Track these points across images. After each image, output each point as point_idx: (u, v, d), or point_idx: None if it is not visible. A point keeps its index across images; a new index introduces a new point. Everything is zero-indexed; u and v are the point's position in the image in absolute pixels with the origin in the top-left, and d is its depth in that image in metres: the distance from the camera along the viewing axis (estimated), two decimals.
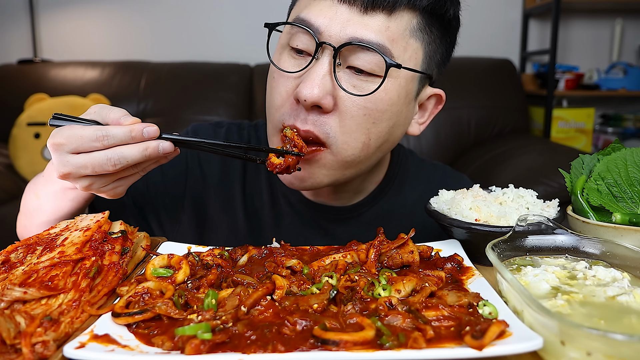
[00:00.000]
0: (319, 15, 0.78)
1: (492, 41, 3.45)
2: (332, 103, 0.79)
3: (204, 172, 1.02)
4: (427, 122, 0.95)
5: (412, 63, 0.83)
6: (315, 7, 0.79)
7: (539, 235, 0.72)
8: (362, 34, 0.77)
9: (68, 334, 0.55)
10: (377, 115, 0.81)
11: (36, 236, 0.73)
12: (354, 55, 0.78)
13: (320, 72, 0.78)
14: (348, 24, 0.78)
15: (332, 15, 0.78)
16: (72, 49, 3.45)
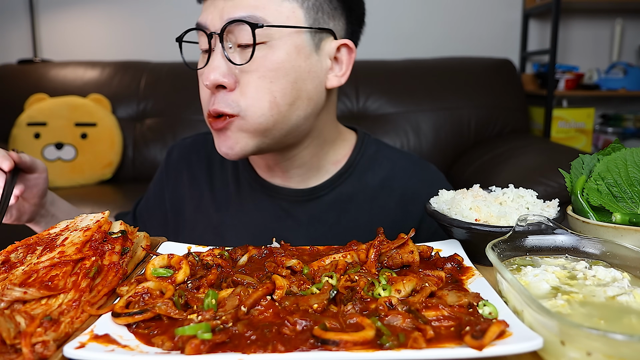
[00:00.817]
0: (204, 15, 0.91)
1: (492, 41, 3.45)
2: (234, 80, 0.89)
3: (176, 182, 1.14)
4: (347, 72, 1.01)
5: (293, 21, 0.90)
6: (203, 11, 0.92)
7: (539, 235, 0.72)
8: (234, 13, 0.86)
9: (68, 334, 0.55)
10: (271, 74, 0.89)
11: (36, 236, 0.73)
12: (236, 34, 0.88)
13: (215, 58, 0.88)
14: (223, 11, 0.88)
15: (212, 10, 0.89)
16: (72, 49, 3.45)
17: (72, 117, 2.84)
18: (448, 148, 2.91)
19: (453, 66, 3.09)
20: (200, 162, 1.12)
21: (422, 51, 3.36)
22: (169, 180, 1.15)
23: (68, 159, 2.81)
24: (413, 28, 3.46)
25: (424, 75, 3.04)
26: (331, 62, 0.98)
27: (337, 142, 1.08)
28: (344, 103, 2.97)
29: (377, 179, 1.07)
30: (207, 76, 0.88)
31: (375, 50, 3.41)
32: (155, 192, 1.18)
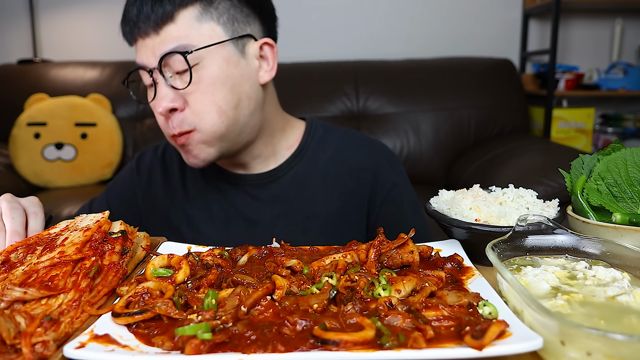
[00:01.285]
0: (139, 55, 1.02)
1: (492, 41, 3.45)
2: (182, 102, 1.01)
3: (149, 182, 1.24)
4: (274, 66, 1.12)
5: (215, 39, 1.01)
6: (137, 52, 1.03)
7: (539, 235, 0.72)
8: (164, 48, 0.98)
9: (68, 334, 0.55)
10: (211, 88, 1.01)
11: (36, 236, 0.73)
12: (171, 64, 0.99)
13: (160, 89, 1.01)
14: (154, 48, 0.99)
15: (145, 50, 1.01)
16: (72, 49, 3.45)
17: (72, 117, 2.84)
18: (448, 148, 2.91)
19: (453, 66, 3.09)
20: (173, 163, 1.24)
21: (422, 51, 3.36)
22: (141, 181, 1.25)
23: (68, 159, 2.81)
24: (413, 28, 3.46)
25: (424, 75, 3.04)
26: (258, 61, 1.09)
27: (287, 129, 1.21)
28: (344, 103, 2.97)
29: (327, 157, 1.19)
30: (158, 105, 1.00)
31: (375, 50, 3.41)
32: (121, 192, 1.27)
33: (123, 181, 1.28)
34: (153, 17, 0.97)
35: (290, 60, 3.11)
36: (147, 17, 0.98)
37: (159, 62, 0.98)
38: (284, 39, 3.67)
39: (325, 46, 3.41)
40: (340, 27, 3.43)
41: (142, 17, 0.98)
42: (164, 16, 0.98)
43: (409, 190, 1.22)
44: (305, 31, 3.41)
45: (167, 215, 1.21)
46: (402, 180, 1.22)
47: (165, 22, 0.98)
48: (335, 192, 1.16)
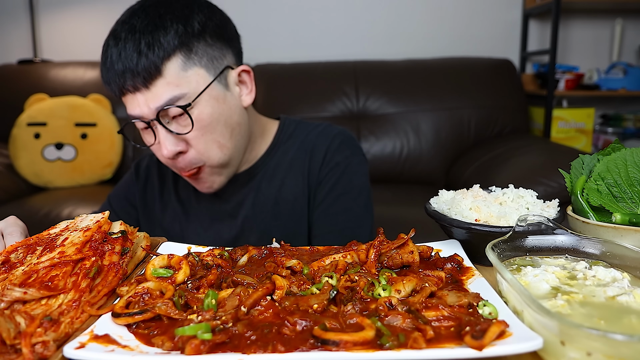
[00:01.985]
0: (132, 108, 1.04)
1: (492, 41, 3.45)
2: (185, 144, 1.07)
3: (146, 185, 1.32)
4: (253, 88, 1.19)
5: (203, 82, 1.06)
6: (129, 105, 1.05)
7: (539, 235, 0.72)
8: (158, 102, 1.02)
9: (68, 334, 0.55)
10: (209, 128, 1.07)
11: (36, 236, 0.73)
12: (168, 113, 1.03)
13: (161, 137, 1.05)
14: (147, 102, 1.02)
15: (136, 104, 1.03)
16: (72, 49, 3.45)
17: (72, 117, 2.84)
18: (448, 148, 2.91)
19: (453, 66, 3.09)
20: (167, 169, 1.31)
21: (422, 51, 3.36)
22: (139, 184, 1.32)
23: (68, 159, 2.81)
24: (413, 28, 3.46)
25: (424, 75, 3.04)
26: (239, 87, 1.16)
27: (265, 132, 1.28)
28: (344, 103, 2.97)
29: (295, 147, 1.26)
30: (164, 151, 1.05)
31: (375, 50, 3.41)
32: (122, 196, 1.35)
33: (125, 185, 1.36)
34: (141, 73, 1.00)
35: (290, 60, 3.11)
36: (134, 74, 1.00)
37: (157, 115, 1.03)
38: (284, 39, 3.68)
39: (325, 46, 3.41)
40: (340, 27, 3.43)
41: (129, 74, 1.00)
42: (151, 71, 1.00)
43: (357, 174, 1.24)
44: (305, 31, 3.41)
45: (160, 215, 1.30)
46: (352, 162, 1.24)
47: (153, 77, 1.01)
48: (299, 176, 1.23)
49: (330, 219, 1.20)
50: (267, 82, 3.00)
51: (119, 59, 1.01)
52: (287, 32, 3.41)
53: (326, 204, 1.21)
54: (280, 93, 3.02)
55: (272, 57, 3.24)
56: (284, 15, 3.39)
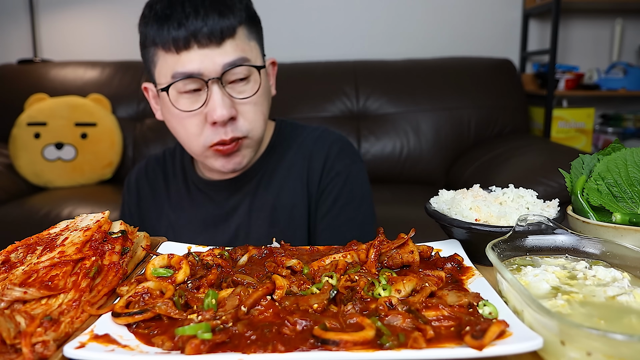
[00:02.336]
0: (193, 63, 1.03)
1: (492, 41, 3.45)
2: (236, 111, 1.08)
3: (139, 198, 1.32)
4: (274, 82, 1.25)
5: (259, 56, 1.13)
6: (187, 61, 1.03)
7: (539, 235, 0.72)
8: (228, 58, 1.04)
9: (68, 334, 0.55)
10: (259, 100, 1.11)
11: (36, 236, 0.73)
12: (230, 74, 1.05)
13: (217, 98, 1.04)
14: (215, 58, 1.03)
15: (202, 59, 1.03)
16: (72, 49, 3.45)
17: (72, 117, 2.84)
18: (448, 148, 2.91)
19: (453, 66, 3.09)
20: (157, 176, 1.32)
21: (422, 51, 3.36)
22: (131, 199, 1.33)
23: (68, 159, 2.81)
24: (413, 28, 3.46)
25: (424, 75, 3.04)
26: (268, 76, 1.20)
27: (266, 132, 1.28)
28: (344, 103, 2.97)
29: (292, 152, 1.27)
30: (219, 113, 1.03)
31: (375, 50, 3.41)
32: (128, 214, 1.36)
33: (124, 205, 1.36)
34: (218, 31, 1.03)
35: (290, 60, 3.11)
36: (211, 30, 1.02)
37: (223, 72, 1.04)
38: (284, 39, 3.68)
39: (325, 46, 3.41)
40: (340, 27, 3.43)
41: (207, 29, 1.02)
42: (228, 30, 1.04)
43: (357, 182, 1.25)
44: (305, 31, 3.40)
45: (154, 225, 1.29)
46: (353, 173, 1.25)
47: (227, 36, 1.04)
48: (298, 182, 1.23)
49: (335, 230, 1.21)
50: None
51: (197, 14, 1.02)
52: (287, 32, 3.41)
53: (331, 216, 1.21)
54: (280, 93, 3.00)
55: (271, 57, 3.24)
56: (284, 15, 3.39)
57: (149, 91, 1.20)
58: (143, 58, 1.16)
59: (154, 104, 1.20)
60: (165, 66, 1.06)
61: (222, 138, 1.08)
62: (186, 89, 1.05)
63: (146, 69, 1.16)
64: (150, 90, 1.19)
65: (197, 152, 1.13)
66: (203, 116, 1.07)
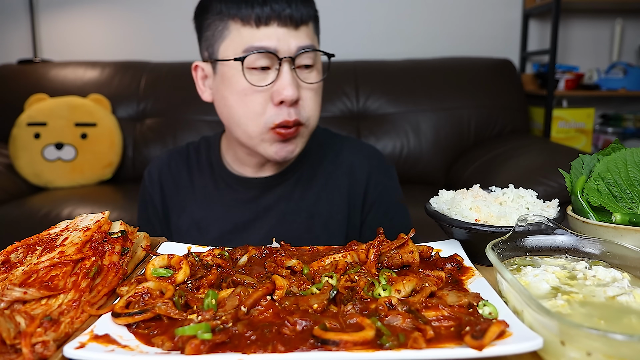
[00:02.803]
0: (270, 40, 1.05)
1: (492, 41, 3.45)
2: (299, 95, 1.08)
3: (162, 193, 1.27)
4: None
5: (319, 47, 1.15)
6: (266, 36, 1.05)
7: (539, 235, 0.72)
8: (302, 42, 1.07)
9: (68, 334, 0.55)
10: (319, 90, 1.14)
11: (36, 236, 0.73)
12: (301, 58, 1.08)
13: (288, 77, 1.05)
14: (291, 39, 1.06)
15: (280, 37, 1.05)
16: (72, 49, 3.45)
17: (72, 117, 2.84)
18: (448, 148, 2.91)
19: (453, 66, 3.09)
20: (181, 170, 1.28)
21: (422, 51, 3.36)
22: (154, 194, 1.28)
23: (68, 159, 2.81)
24: (413, 28, 3.46)
25: (424, 75, 3.04)
26: None
27: None
28: (344, 103, 2.97)
29: (328, 160, 1.28)
30: (290, 93, 1.05)
31: (375, 50, 3.41)
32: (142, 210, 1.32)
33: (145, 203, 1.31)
34: (300, 15, 1.06)
35: None
36: (292, 13, 1.05)
37: (297, 53, 1.06)
38: None
39: (325, 46, 3.40)
40: (340, 27, 3.43)
41: (289, 11, 1.05)
42: (306, 17, 1.08)
43: (398, 193, 1.31)
44: None
45: (178, 222, 1.25)
46: (393, 184, 1.30)
47: (304, 22, 1.08)
48: (336, 192, 1.24)
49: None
50: None
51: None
52: None
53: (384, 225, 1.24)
54: None
55: None
56: None
57: (198, 70, 1.18)
58: (204, 34, 1.14)
59: (200, 85, 1.19)
60: (238, 39, 1.06)
61: (286, 119, 1.06)
62: (256, 64, 1.05)
63: (205, 46, 1.15)
64: (201, 70, 1.18)
65: (255, 133, 1.10)
66: (268, 95, 1.07)
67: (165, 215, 1.27)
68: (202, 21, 1.14)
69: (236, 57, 1.06)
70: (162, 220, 1.28)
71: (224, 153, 1.27)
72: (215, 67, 1.13)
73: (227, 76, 1.09)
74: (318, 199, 1.22)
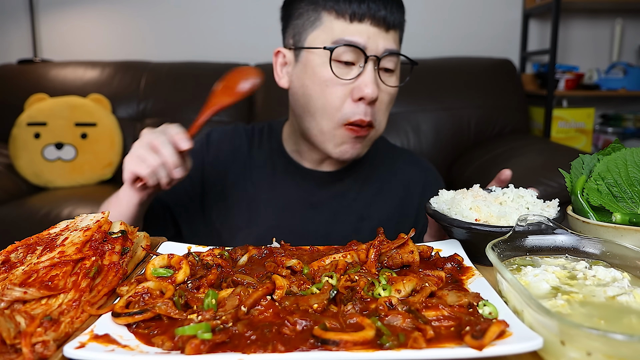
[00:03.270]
0: (361, 36, 1.06)
1: (492, 41, 3.45)
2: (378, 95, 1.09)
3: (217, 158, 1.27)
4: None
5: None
6: (355, 31, 1.07)
7: (539, 235, 0.72)
8: (390, 45, 1.09)
9: (68, 334, 0.55)
10: (392, 99, 1.15)
11: (36, 236, 0.73)
12: (386, 60, 1.09)
13: (371, 75, 1.07)
14: (380, 40, 1.07)
15: (370, 35, 1.07)
16: (72, 49, 3.45)
17: (72, 117, 2.84)
18: (448, 148, 2.91)
19: (453, 66, 3.09)
20: (242, 145, 1.29)
21: (421, 51, 3.36)
22: (209, 156, 1.28)
23: (68, 159, 2.81)
24: (413, 28, 3.44)
25: (424, 75, 3.03)
26: None
27: None
28: None
29: (384, 167, 1.30)
30: (371, 91, 1.06)
31: None
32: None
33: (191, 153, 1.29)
34: (392, 18, 1.08)
35: None
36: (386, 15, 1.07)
37: (384, 54, 1.08)
38: None
39: None
40: None
41: (384, 12, 1.07)
42: (397, 23, 1.11)
43: None
44: None
45: (226, 192, 1.24)
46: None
47: (394, 27, 1.10)
48: (389, 199, 1.27)
49: None
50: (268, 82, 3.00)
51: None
52: None
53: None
54: (280, 93, 3.01)
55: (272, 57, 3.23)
56: None
57: (279, 56, 1.20)
58: (292, 21, 1.16)
59: (279, 71, 1.21)
60: (329, 31, 1.08)
61: (362, 118, 1.08)
62: (342, 57, 1.07)
63: (291, 34, 1.16)
64: (282, 56, 1.19)
65: (327, 128, 1.11)
66: (348, 90, 1.08)
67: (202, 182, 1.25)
68: (292, 9, 1.15)
69: (325, 46, 1.07)
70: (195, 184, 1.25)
71: (285, 141, 1.27)
72: (298, 55, 1.14)
73: (311, 65, 1.10)
74: (371, 202, 1.25)
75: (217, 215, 1.25)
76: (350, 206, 1.23)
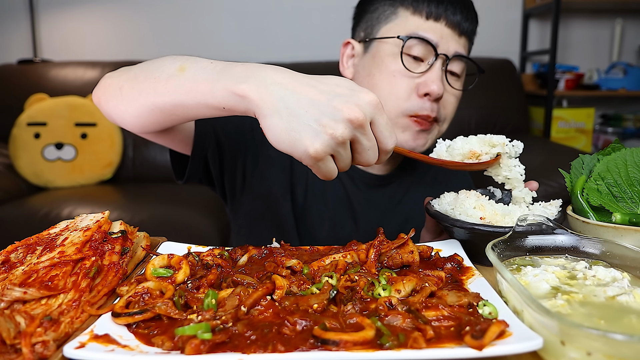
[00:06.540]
0: (435, 34, 1.09)
1: (492, 41, 3.45)
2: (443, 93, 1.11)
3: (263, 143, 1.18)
4: None
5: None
6: (429, 28, 1.09)
7: (539, 235, 0.72)
8: (460, 49, 1.12)
9: (68, 334, 0.55)
10: (458, 100, 1.18)
11: (36, 236, 0.73)
12: (454, 63, 1.12)
13: (438, 74, 1.09)
14: (451, 42, 1.10)
15: (444, 35, 1.09)
16: (72, 49, 3.45)
17: (72, 117, 2.84)
18: None
19: None
20: None
21: None
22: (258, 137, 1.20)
23: (68, 159, 2.81)
24: None
25: None
26: None
27: None
28: None
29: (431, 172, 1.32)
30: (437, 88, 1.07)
31: None
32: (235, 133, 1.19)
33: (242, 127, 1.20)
34: (466, 25, 1.12)
35: (290, 60, 3.11)
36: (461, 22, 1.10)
37: (454, 55, 1.10)
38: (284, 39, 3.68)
39: (325, 46, 3.41)
40: (340, 27, 3.42)
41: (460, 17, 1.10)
42: (470, 31, 1.14)
43: None
44: (306, 31, 3.40)
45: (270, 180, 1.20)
46: None
47: (467, 35, 1.13)
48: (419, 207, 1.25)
49: None
50: None
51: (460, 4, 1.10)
52: (287, 32, 3.41)
53: None
54: None
55: (272, 57, 3.24)
56: (284, 15, 3.39)
57: (348, 47, 1.21)
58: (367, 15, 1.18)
59: (344, 62, 1.22)
60: (403, 25, 1.10)
61: (428, 113, 1.10)
62: (412, 51, 1.08)
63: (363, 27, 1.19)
64: (350, 47, 1.20)
65: (391, 114, 1.11)
66: (414, 84, 1.09)
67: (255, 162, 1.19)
68: (368, 5, 1.18)
69: (398, 35, 1.09)
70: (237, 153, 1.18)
71: None
72: (368, 47, 1.15)
73: (380, 55, 1.12)
74: (417, 206, 1.24)
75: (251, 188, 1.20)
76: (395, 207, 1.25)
